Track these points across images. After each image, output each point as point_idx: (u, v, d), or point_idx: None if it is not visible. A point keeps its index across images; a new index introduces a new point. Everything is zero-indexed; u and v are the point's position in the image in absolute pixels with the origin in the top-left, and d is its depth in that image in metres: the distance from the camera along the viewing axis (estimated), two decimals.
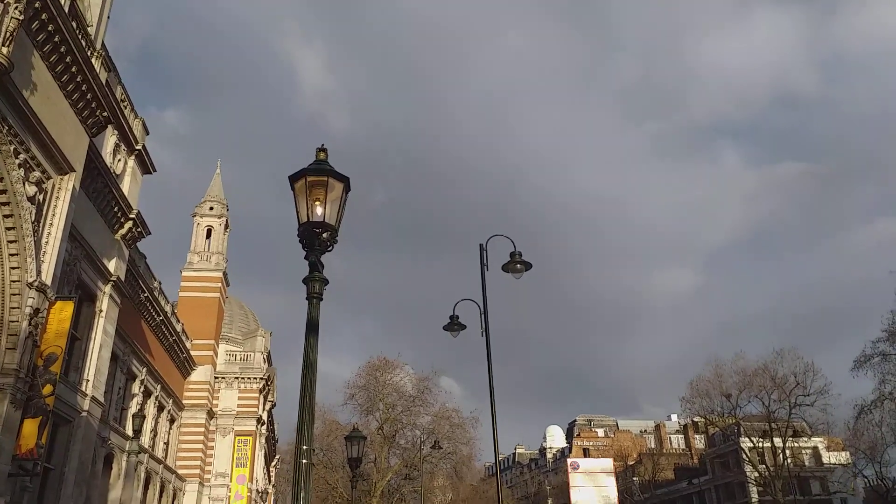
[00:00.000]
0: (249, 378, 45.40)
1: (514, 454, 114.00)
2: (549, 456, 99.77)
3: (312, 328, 5.96)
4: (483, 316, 12.72)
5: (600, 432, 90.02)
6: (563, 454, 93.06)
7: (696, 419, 71.27)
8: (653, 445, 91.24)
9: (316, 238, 6.24)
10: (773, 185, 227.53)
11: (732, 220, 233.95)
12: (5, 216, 14.89)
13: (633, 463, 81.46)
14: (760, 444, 51.96)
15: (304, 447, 5.38)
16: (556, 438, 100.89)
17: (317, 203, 6.35)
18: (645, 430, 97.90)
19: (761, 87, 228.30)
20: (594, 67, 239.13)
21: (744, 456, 57.97)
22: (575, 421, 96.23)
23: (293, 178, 6.39)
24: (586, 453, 79.98)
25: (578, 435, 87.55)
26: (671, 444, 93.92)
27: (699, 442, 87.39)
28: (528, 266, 13.17)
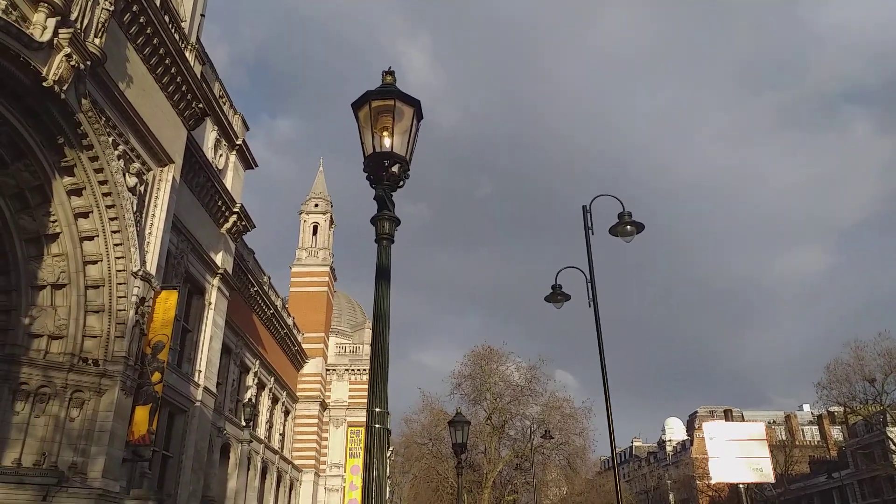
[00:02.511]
0: (359, 369, 45.91)
1: (631, 447, 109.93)
2: (668, 449, 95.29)
3: (383, 274, 5.04)
4: (590, 284, 11.42)
5: None
6: (685, 447, 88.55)
7: (832, 409, 65.28)
8: (783, 437, 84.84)
9: (384, 171, 5.29)
10: None
11: (867, 194, 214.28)
12: (108, 206, 15.15)
13: None
14: None
15: (377, 409, 4.45)
16: (675, 431, 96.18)
17: (384, 133, 5.42)
18: (773, 422, 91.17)
19: (894, 44, 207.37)
20: (706, 38, 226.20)
21: (892, 447, 52.37)
22: (696, 412, 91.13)
23: (356, 105, 5.48)
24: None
25: (700, 427, 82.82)
26: (803, 435, 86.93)
27: (836, 433, 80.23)
28: (639, 227, 11.72)
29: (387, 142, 5.41)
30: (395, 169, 5.34)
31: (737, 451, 12.40)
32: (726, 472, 12.33)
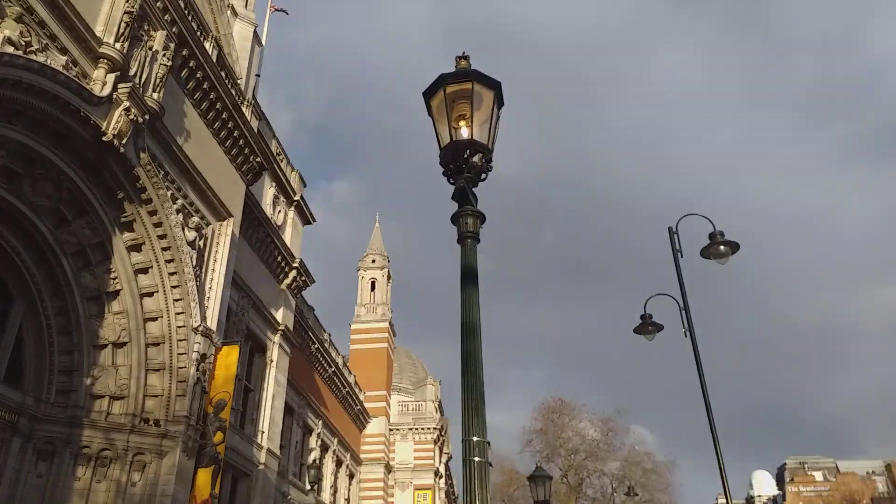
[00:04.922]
0: (423, 429, 44.47)
1: None
2: None
3: (470, 277, 4.20)
4: (684, 312, 10.27)
5: (818, 476, 78.35)
6: (776, 502, 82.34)
7: None
8: (883, 489, 77.75)
9: (465, 162, 4.50)
10: None
11: None
12: (167, 261, 14.89)
13: None
14: None
15: (475, 439, 3.50)
16: (763, 485, 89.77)
17: (461, 122, 4.65)
18: (872, 472, 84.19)
19: None
20: (765, 73, 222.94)
21: None
22: (785, 465, 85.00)
23: (428, 93, 4.75)
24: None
25: (792, 480, 76.88)
26: None
27: None
28: (734, 247, 10.56)
29: (464, 132, 4.64)
30: (475, 159, 4.53)
31: None
32: None
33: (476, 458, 3.52)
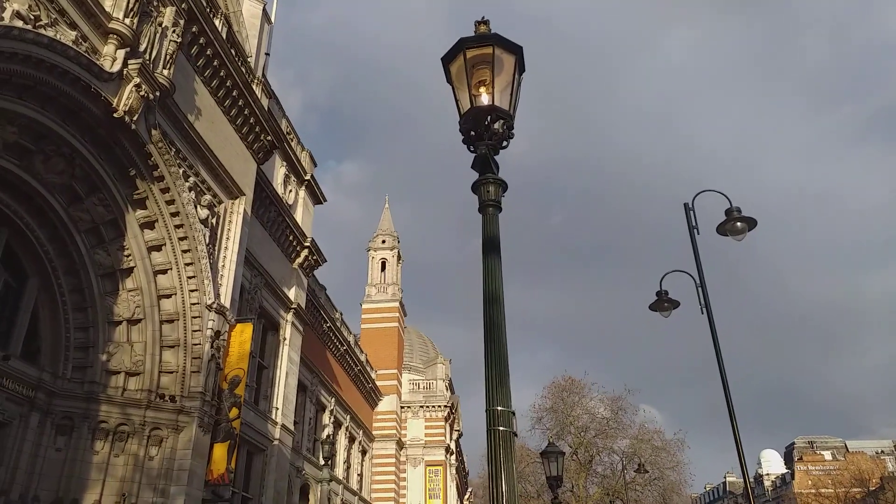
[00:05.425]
0: (434, 406, 44.77)
1: (724, 483, 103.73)
2: (766, 484, 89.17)
3: (492, 246, 4.13)
4: (700, 289, 10.16)
5: (827, 455, 78.39)
6: (785, 481, 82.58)
7: None
8: (893, 468, 77.69)
9: (485, 129, 4.41)
10: None
11: None
12: (180, 238, 14.91)
13: (875, 489, 69.87)
14: None
15: (500, 408, 3.46)
16: (772, 464, 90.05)
17: (481, 88, 4.55)
18: (882, 452, 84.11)
19: None
20: (774, 53, 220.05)
21: None
22: (793, 444, 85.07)
23: (447, 59, 4.65)
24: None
25: (801, 459, 76.95)
26: None
27: None
28: (751, 223, 10.41)
29: (485, 98, 4.54)
30: (497, 126, 4.45)
31: None
32: None
33: (501, 428, 3.47)
